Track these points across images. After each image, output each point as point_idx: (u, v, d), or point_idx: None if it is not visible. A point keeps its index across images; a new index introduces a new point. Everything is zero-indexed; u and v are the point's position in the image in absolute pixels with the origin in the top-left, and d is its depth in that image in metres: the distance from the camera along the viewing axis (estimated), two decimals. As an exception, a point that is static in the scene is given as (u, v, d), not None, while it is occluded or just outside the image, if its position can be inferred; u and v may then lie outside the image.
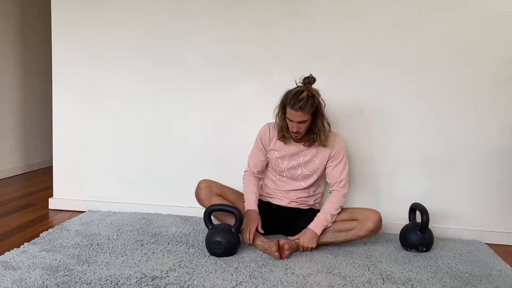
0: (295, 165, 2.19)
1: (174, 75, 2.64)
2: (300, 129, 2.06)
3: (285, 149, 2.19)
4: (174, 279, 1.72)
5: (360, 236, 2.08)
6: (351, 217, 2.10)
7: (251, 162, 2.28)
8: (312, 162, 2.18)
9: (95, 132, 2.75)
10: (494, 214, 2.41)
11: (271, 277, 1.77)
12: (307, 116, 2.02)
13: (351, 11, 2.43)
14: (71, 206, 2.78)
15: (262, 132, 2.25)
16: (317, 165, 2.18)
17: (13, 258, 1.88)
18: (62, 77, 2.75)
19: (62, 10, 2.71)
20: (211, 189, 2.19)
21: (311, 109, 2.01)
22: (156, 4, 2.61)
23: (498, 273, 1.91)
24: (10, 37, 3.84)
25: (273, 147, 2.21)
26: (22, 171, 4.02)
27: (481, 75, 2.34)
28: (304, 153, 2.18)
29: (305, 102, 1.96)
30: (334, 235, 2.10)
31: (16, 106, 3.98)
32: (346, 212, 2.15)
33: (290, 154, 2.19)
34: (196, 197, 2.22)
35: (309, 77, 2.03)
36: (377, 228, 2.06)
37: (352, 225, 2.07)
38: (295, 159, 2.19)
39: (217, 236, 1.97)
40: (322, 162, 2.18)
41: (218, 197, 2.18)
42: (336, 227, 2.10)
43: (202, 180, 2.23)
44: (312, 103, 2.00)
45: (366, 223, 2.05)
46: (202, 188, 2.19)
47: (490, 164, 2.38)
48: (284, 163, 2.20)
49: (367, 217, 2.06)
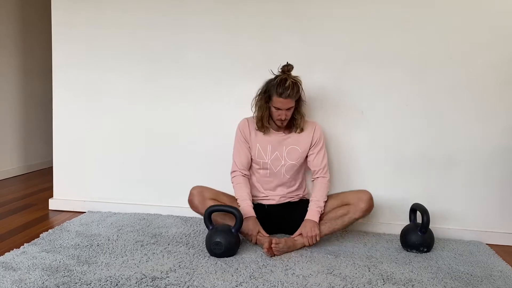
0: (278, 156, 2.22)
1: (174, 75, 2.63)
2: (287, 116, 2.14)
3: (265, 139, 2.24)
4: (174, 279, 1.72)
5: (356, 218, 2.13)
6: (343, 202, 2.16)
7: (237, 159, 2.28)
8: (294, 150, 2.23)
9: (95, 132, 2.75)
10: (495, 214, 2.40)
11: (271, 277, 1.77)
12: (293, 102, 2.12)
13: (352, 11, 2.42)
14: (71, 206, 2.78)
15: (242, 125, 2.30)
16: (299, 152, 2.23)
17: (13, 258, 1.88)
18: (62, 78, 2.75)
19: (62, 11, 2.71)
20: (203, 194, 2.19)
21: (297, 95, 2.11)
22: (156, 5, 2.61)
23: (499, 273, 1.91)
24: (11, 38, 3.84)
25: (254, 139, 2.25)
26: (22, 172, 4.02)
27: (482, 75, 2.34)
28: (285, 142, 2.23)
29: (292, 89, 2.06)
30: (332, 224, 2.13)
31: (17, 107, 3.98)
32: (336, 198, 2.20)
33: (271, 143, 2.23)
34: (190, 204, 2.21)
35: (288, 65, 2.12)
36: (370, 207, 2.13)
37: (346, 210, 2.13)
38: (277, 149, 2.22)
39: (217, 236, 1.96)
40: (304, 149, 2.23)
41: (212, 201, 2.18)
42: (332, 215, 2.14)
43: (194, 186, 2.23)
44: (297, 89, 2.10)
45: (359, 204, 2.11)
46: (195, 195, 2.18)
47: (490, 164, 2.38)
48: (267, 155, 2.23)
49: (359, 198, 2.12)
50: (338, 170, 2.52)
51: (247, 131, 2.27)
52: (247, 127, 2.28)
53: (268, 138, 2.24)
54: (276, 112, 2.13)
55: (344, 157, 2.50)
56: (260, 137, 2.24)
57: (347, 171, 2.51)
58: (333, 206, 2.18)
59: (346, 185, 2.48)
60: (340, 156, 2.51)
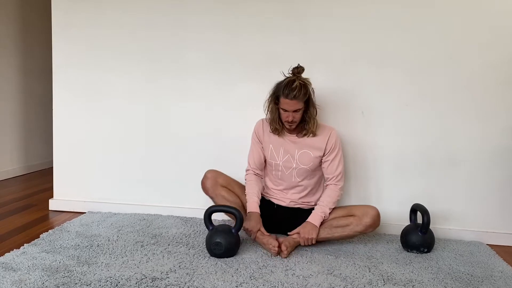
0: (290, 158, 2.20)
1: (174, 75, 2.63)
2: (295, 118, 2.10)
3: (279, 141, 2.22)
4: (174, 280, 1.71)
5: (357, 232, 2.09)
6: (349, 213, 2.12)
7: (251, 160, 2.30)
8: (307, 154, 2.19)
9: (95, 133, 2.75)
10: (496, 215, 2.40)
11: (272, 278, 1.77)
12: (301, 104, 2.07)
13: (352, 11, 2.42)
14: (71, 207, 2.78)
15: (257, 126, 2.30)
16: (311, 157, 2.19)
17: (13, 259, 1.88)
18: (62, 78, 2.75)
19: (62, 11, 2.71)
20: (217, 179, 2.22)
21: (304, 97, 2.06)
22: (156, 5, 2.61)
23: (499, 274, 1.91)
24: (11, 39, 3.84)
25: (268, 140, 2.25)
26: (23, 172, 4.01)
27: (482, 75, 2.34)
28: (298, 145, 2.20)
29: (299, 90, 2.02)
30: (331, 230, 2.11)
31: (17, 107, 3.98)
32: (344, 209, 2.17)
33: (284, 145, 2.21)
34: (202, 187, 2.25)
35: (298, 67, 2.09)
36: (375, 223, 2.07)
37: (349, 221, 2.09)
38: (290, 152, 2.21)
39: (218, 237, 1.96)
40: (317, 154, 2.19)
41: (223, 188, 2.21)
42: (333, 223, 2.11)
43: (209, 170, 2.27)
44: (305, 91, 2.06)
45: (364, 218, 2.06)
46: (208, 178, 2.22)
47: (491, 164, 2.38)
48: (279, 156, 2.22)
49: (365, 212, 2.08)
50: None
51: (261, 131, 2.27)
52: (261, 127, 2.27)
53: (281, 140, 2.22)
54: (284, 114, 2.11)
55: (344, 157, 2.49)
56: (274, 138, 2.23)
57: (347, 171, 2.50)
58: (338, 214, 2.14)
59: (346, 185, 2.48)
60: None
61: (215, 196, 2.21)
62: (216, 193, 2.20)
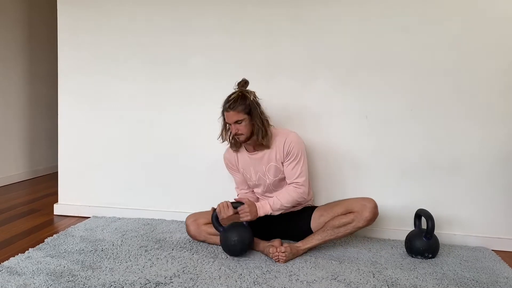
0: (260, 176, 2.22)
1: (178, 81, 2.65)
2: (240, 130, 2.08)
3: (247, 162, 2.24)
4: (178, 285, 1.72)
5: (360, 227, 2.09)
6: (347, 209, 2.10)
7: (236, 183, 2.38)
8: (274, 167, 2.19)
9: (100, 138, 2.77)
10: (501, 220, 2.38)
11: (275, 283, 1.76)
12: (241, 115, 2.06)
13: (356, 17, 2.43)
14: (76, 212, 2.79)
15: (226, 156, 2.33)
16: (278, 168, 2.18)
17: (17, 263, 1.89)
18: (67, 84, 2.78)
19: (68, 17, 2.74)
20: (197, 222, 2.24)
21: (243, 108, 2.05)
22: (161, 11, 2.63)
23: (505, 280, 1.89)
24: (17, 44, 3.88)
25: (240, 164, 2.27)
26: (28, 177, 4.04)
27: (486, 80, 2.33)
28: (263, 161, 2.19)
29: (234, 101, 2.04)
30: (334, 231, 2.09)
31: (22, 112, 4.01)
32: (340, 205, 2.15)
33: (253, 165, 2.22)
34: (188, 235, 2.28)
35: (241, 81, 2.14)
36: (374, 216, 2.07)
37: (350, 218, 2.07)
38: (259, 170, 2.21)
39: (234, 235, 2.01)
40: (279, 162, 2.17)
41: (207, 226, 2.21)
42: (335, 223, 2.09)
43: (188, 216, 2.29)
44: (243, 102, 2.06)
45: (363, 213, 2.05)
46: (189, 225, 2.25)
47: (496, 170, 2.37)
48: (252, 176, 2.24)
49: (363, 207, 2.07)
50: (342, 176, 2.51)
51: (232, 160, 2.29)
52: (229, 156, 2.30)
53: (248, 160, 2.23)
54: (231, 128, 2.12)
55: (349, 163, 2.50)
56: (243, 161, 2.25)
57: (351, 177, 2.50)
58: (336, 213, 2.12)
59: (350, 190, 2.48)
60: (344, 162, 2.50)
61: (201, 237, 2.22)
62: (201, 234, 2.21)
